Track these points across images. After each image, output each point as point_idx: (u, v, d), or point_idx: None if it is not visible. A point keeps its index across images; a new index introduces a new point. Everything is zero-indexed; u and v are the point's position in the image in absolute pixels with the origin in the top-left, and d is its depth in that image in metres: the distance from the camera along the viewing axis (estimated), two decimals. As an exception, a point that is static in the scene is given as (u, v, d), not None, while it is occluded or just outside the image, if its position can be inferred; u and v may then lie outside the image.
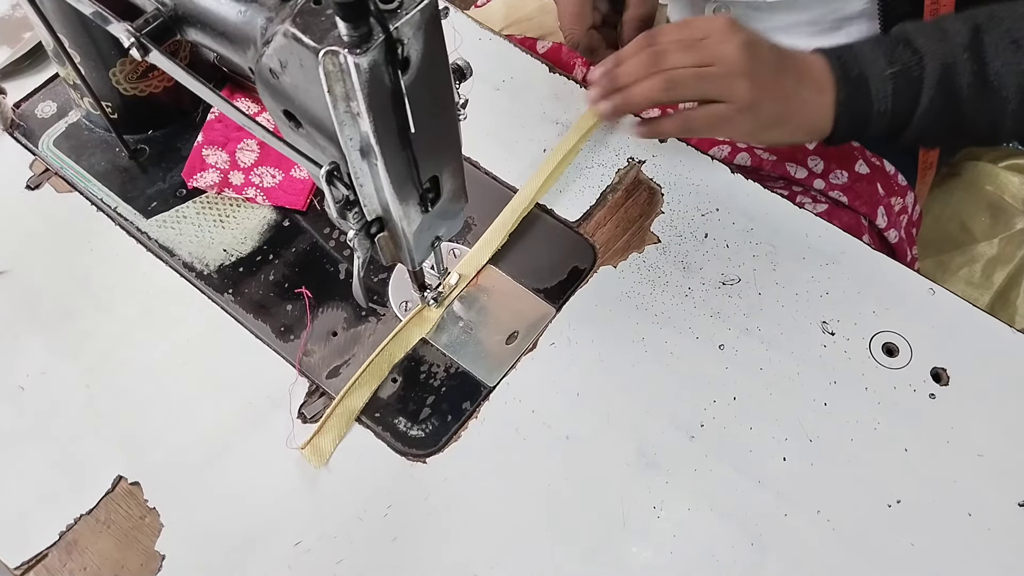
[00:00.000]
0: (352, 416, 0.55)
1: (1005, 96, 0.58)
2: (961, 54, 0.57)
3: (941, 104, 0.58)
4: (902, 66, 0.58)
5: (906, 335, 0.58)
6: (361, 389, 0.56)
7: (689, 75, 0.57)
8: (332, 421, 0.55)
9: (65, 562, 0.52)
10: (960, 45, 0.58)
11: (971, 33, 0.58)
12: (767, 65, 0.57)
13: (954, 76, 0.58)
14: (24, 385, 0.58)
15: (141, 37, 0.43)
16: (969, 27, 0.58)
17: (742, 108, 0.57)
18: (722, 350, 0.57)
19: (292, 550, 0.52)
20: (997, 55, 0.57)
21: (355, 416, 0.56)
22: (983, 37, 0.58)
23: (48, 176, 0.68)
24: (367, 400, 0.56)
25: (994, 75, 0.57)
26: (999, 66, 0.57)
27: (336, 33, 0.35)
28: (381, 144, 0.39)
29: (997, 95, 0.58)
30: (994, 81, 0.57)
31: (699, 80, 0.57)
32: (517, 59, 0.73)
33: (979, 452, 0.53)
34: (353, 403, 0.56)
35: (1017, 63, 0.57)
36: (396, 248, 0.49)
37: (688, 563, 0.50)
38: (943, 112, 0.59)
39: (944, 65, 0.58)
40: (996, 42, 0.57)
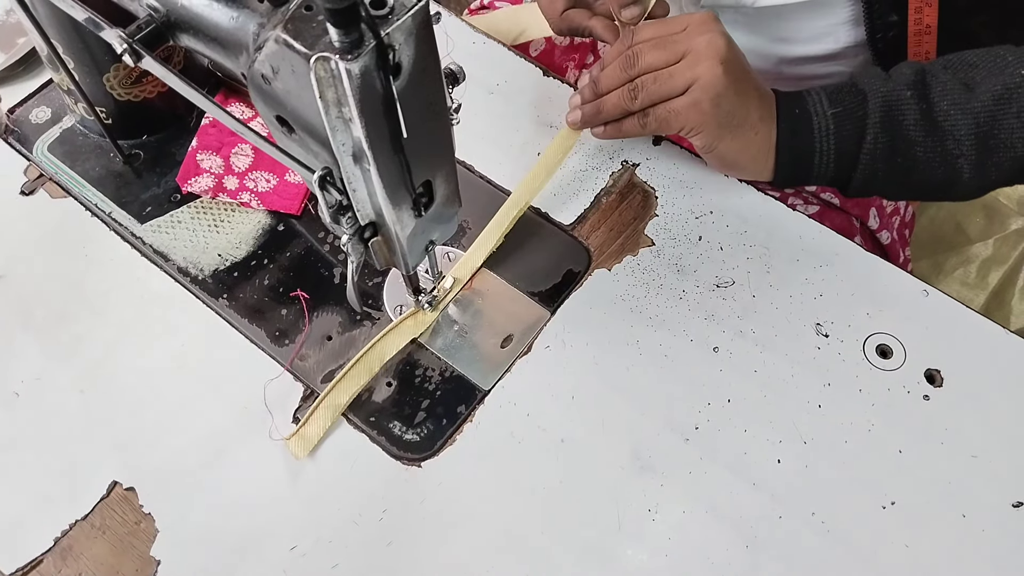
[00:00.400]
0: (338, 410, 0.55)
1: (957, 138, 0.56)
2: (904, 92, 0.56)
3: (887, 144, 0.57)
4: (843, 107, 0.58)
5: (900, 337, 0.58)
6: (349, 382, 0.56)
7: (651, 79, 0.58)
8: (318, 412, 0.55)
9: (60, 568, 0.52)
10: (904, 84, 0.57)
11: (916, 75, 0.57)
12: (736, 61, 0.58)
13: (898, 115, 0.56)
14: (19, 391, 0.58)
15: (134, 43, 0.43)
16: (915, 70, 0.58)
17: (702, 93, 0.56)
18: (716, 352, 0.58)
19: (288, 554, 0.52)
20: (944, 95, 0.56)
21: (341, 411, 0.55)
22: (928, 79, 0.57)
23: (42, 182, 0.68)
24: (354, 394, 0.56)
25: (942, 115, 0.56)
26: (947, 106, 0.56)
27: (327, 39, 0.35)
28: (373, 149, 0.39)
29: (950, 137, 0.56)
30: (943, 122, 0.56)
31: (664, 80, 0.58)
32: (510, 63, 0.73)
33: (973, 453, 0.53)
34: (339, 398, 0.56)
35: (966, 102, 0.56)
36: (390, 252, 0.49)
37: (683, 565, 0.50)
38: (891, 154, 0.57)
39: (887, 103, 0.57)
40: (944, 83, 0.56)
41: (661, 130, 0.60)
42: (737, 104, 0.57)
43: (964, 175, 0.57)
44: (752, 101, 0.58)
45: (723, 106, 0.56)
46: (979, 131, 0.55)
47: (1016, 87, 0.55)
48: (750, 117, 0.58)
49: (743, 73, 0.58)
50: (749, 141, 0.58)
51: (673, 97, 0.58)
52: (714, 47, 0.57)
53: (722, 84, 0.56)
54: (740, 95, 0.57)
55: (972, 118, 0.55)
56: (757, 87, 0.59)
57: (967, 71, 0.57)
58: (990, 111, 0.55)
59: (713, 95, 0.56)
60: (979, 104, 0.55)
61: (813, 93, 0.59)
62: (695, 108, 0.57)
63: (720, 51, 0.57)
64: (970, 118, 0.55)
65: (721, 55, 0.57)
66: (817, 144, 0.58)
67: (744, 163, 0.60)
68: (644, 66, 0.59)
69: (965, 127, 0.55)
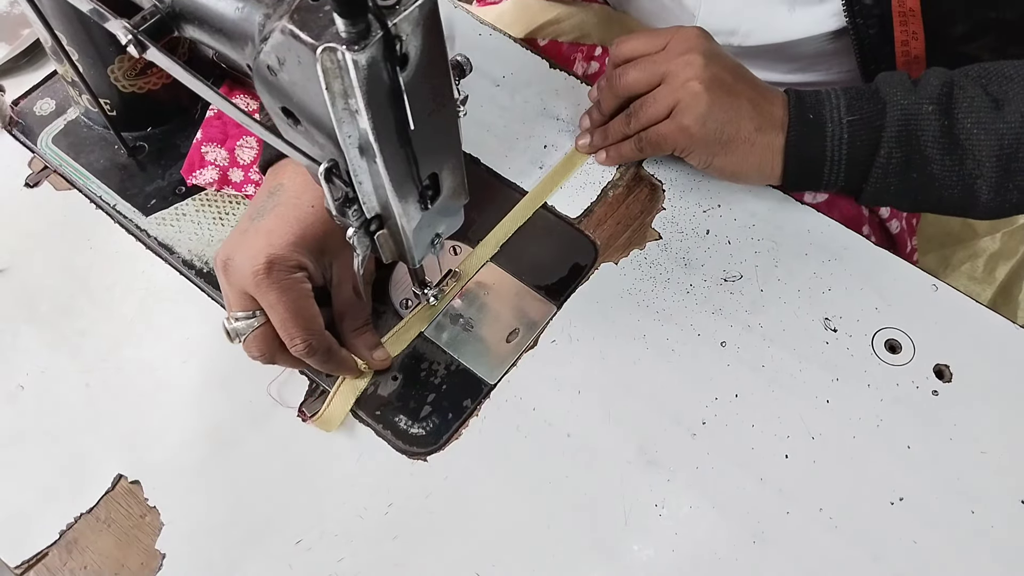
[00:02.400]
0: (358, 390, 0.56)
1: (978, 159, 0.54)
2: (926, 106, 0.54)
3: (902, 159, 0.55)
4: (862, 114, 0.56)
5: (909, 331, 0.57)
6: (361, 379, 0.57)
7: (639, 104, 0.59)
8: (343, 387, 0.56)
9: (65, 561, 0.52)
10: (927, 98, 0.55)
11: (943, 87, 0.55)
12: (718, 77, 0.57)
13: (917, 130, 0.55)
14: (24, 384, 0.58)
15: (138, 34, 0.43)
16: (943, 81, 0.55)
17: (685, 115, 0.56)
18: (724, 347, 0.57)
19: (293, 548, 0.51)
20: (970, 112, 0.54)
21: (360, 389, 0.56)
22: (956, 92, 0.55)
23: (47, 174, 0.67)
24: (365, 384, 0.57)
25: (964, 133, 0.54)
26: (971, 124, 0.54)
27: (334, 30, 0.35)
28: (380, 141, 0.39)
29: (970, 156, 0.54)
30: (965, 140, 0.54)
31: (650, 104, 0.58)
32: (517, 55, 0.73)
33: (982, 449, 0.53)
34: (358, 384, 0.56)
35: (992, 122, 0.53)
36: (396, 245, 0.48)
37: (690, 561, 0.50)
38: (905, 169, 0.56)
39: (906, 116, 0.55)
40: (971, 98, 0.54)
41: (655, 152, 0.60)
42: (725, 120, 0.57)
43: (982, 196, 0.55)
44: (743, 114, 0.57)
45: (709, 124, 0.56)
46: (1002, 153, 0.53)
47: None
48: (742, 130, 0.57)
49: (729, 87, 0.57)
50: (746, 153, 0.58)
51: (660, 120, 0.58)
52: (693, 67, 0.57)
53: (704, 104, 0.56)
54: (727, 110, 0.57)
55: (996, 139, 0.53)
56: (750, 97, 0.58)
57: (1001, 83, 0.55)
58: (1016, 132, 0.53)
59: (696, 116, 0.56)
60: (1005, 125, 0.53)
61: (832, 96, 0.58)
62: (681, 130, 0.57)
63: (698, 71, 0.56)
64: (994, 138, 0.53)
65: (700, 75, 0.56)
66: (828, 152, 0.57)
67: (746, 173, 0.60)
68: (623, 87, 0.60)
69: (988, 147, 0.54)
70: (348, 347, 0.55)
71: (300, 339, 0.50)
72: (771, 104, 0.58)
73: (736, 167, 0.59)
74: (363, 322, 0.56)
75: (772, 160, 0.58)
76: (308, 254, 0.51)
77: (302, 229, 0.51)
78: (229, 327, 0.51)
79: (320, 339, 0.52)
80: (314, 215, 0.52)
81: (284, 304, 0.50)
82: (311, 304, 0.51)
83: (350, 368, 0.55)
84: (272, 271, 0.49)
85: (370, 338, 0.56)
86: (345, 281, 0.54)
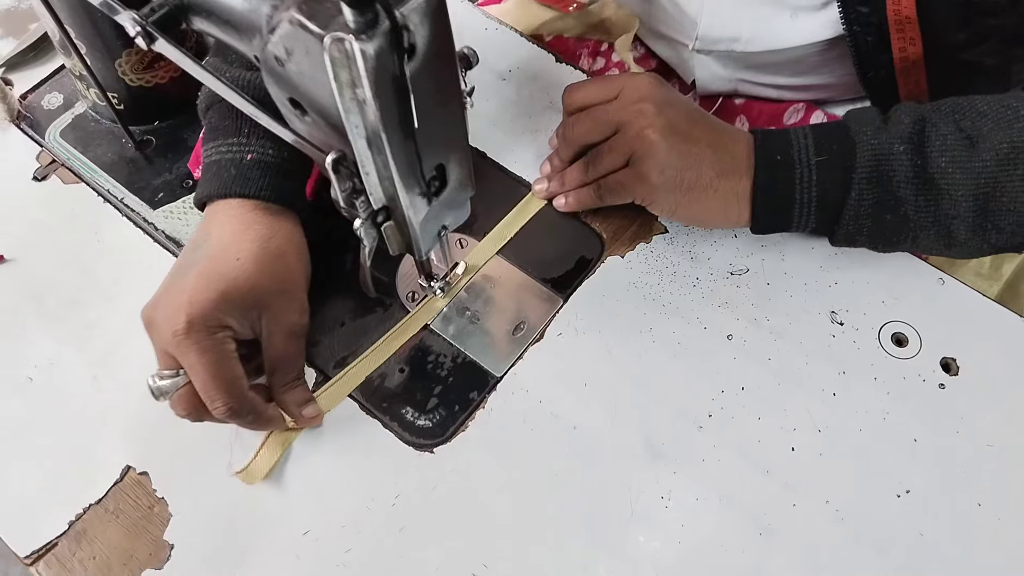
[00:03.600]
0: (288, 442, 0.55)
1: (954, 199, 0.52)
2: (897, 146, 0.53)
3: (874, 200, 0.53)
4: (831, 155, 0.54)
5: (916, 325, 0.57)
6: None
7: (595, 152, 0.58)
8: (271, 440, 0.55)
9: (75, 551, 0.52)
10: (898, 137, 0.53)
11: (915, 125, 0.53)
12: (674, 124, 0.56)
13: (889, 171, 0.53)
14: (32, 376, 0.59)
15: (147, 25, 0.43)
16: (914, 119, 0.53)
17: (642, 165, 0.55)
18: (730, 340, 0.57)
19: (301, 539, 0.52)
20: (944, 150, 0.52)
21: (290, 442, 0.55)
22: (928, 130, 0.53)
23: (55, 167, 0.68)
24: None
25: (939, 173, 0.52)
26: (945, 163, 0.52)
27: (342, 20, 0.35)
28: (387, 132, 0.39)
29: (945, 196, 0.52)
30: (939, 180, 0.52)
31: (606, 154, 0.57)
32: (523, 48, 0.73)
33: (989, 442, 0.53)
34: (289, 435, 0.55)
35: (967, 160, 0.51)
36: (402, 237, 0.48)
37: (696, 553, 0.50)
38: (878, 210, 0.54)
39: (876, 157, 0.53)
40: (944, 136, 0.52)
41: (616, 200, 0.59)
42: (683, 167, 0.55)
43: (960, 236, 0.53)
44: (703, 160, 0.55)
45: (668, 173, 0.55)
46: (979, 192, 0.51)
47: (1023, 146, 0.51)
48: (703, 177, 0.55)
49: (685, 134, 0.56)
50: (709, 200, 0.56)
51: (618, 169, 0.57)
52: (647, 116, 0.56)
53: (661, 152, 0.55)
54: (685, 157, 0.55)
55: (972, 178, 0.51)
56: (709, 142, 0.56)
57: (975, 119, 0.52)
58: (992, 172, 0.51)
59: (654, 165, 0.55)
60: (981, 164, 0.51)
61: (800, 136, 0.55)
62: (640, 180, 0.56)
63: (653, 119, 0.55)
64: (970, 177, 0.51)
65: (655, 123, 0.55)
66: (798, 195, 0.55)
67: (711, 220, 0.58)
68: (577, 137, 0.59)
69: (964, 187, 0.51)
70: (277, 402, 0.54)
71: (221, 402, 0.49)
72: (733, 147, 0.56)
73: (700, 214, 0.57)
74: (294, 376, 0.54)
75: (738, 205, 0.56)
76: (233, 311, 0.50)
77: (226, 285, 0.50)
78: (153, 386, 0.49)
79: (242, 401, 0.50)
80: (240, 269, 0.51)
81: (203, 366, 0.48)
82: (233, 365, 0.50)
83: (278, 426, 0.54)
84: (192, 332, 0.48)
85: (300, 393, 0.54)
86: (275, 334, 0.53)
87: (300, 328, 0.55)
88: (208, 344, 0.49)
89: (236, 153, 0.55)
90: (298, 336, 0.55)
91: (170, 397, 0.50)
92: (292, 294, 0.54)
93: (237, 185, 0.54)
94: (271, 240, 0.53)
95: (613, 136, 0.58)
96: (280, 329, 0.53)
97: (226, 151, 0.55)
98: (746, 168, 0.56)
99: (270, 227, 0.54)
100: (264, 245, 0.53)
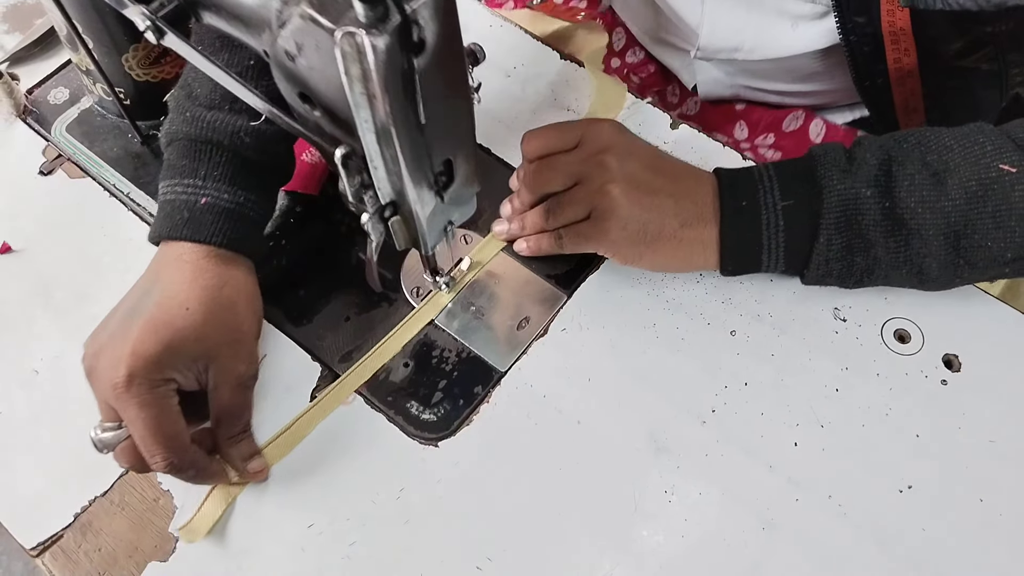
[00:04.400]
0: (233, 496, 0.53)
1: (925, 238, 0.51)
2: (863, 191, 0.52)
3: (843, 244, 0.53)
4: (797, 199, 0.53)
5: (918, 321, 0.58)
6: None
7: (555, 202, 0.57)
8: (215, 494, 0.53)
9: (80, 543, 0.53)
10: (865, 181, 0.52)
11: (881, 166, 0.52)
12: (635, 176, 0.55)
13: (857, 215, 0.52)
14: (38, 369, 0.59)
15: (157, 20, 0.43)
16: (880, 160, 0.53)
17: (604, 219, 0.54)
18: (733, 336, 0.57)
19: (305, 532, 0.52)
20: (912, 191, 0.51)
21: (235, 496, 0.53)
22: (895, 170, 0.52)
23: (61, 162, 0.68)
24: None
25: (909, 213, 0.51)
26: (914, 203, 0.51)
27: (352, 14, 0.35)
28: (396, 126, 0.39)
29: (916, 236, 0.52)
30: (910, 220, 0.51)
31: (567, 205, 0.56)
32: (528, 46, 0.73)
33: (991, 438, 0.53)
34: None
35: (936, 200, 0.51)
36: (409, 232, 0.49)
37: (699, 547, 0.50)
38: (847, 253, 0.53)
39: (844, 202, 0.52)
40: (911, 176, 0.51)
41: (576, 250, 0.58)
42: (647, 220, 0.54)
43: (932, 273, 0.53)
44: (666, 211, 0.54)
45: (631, 227, 0.54)
46: (950, 231, 0.51)
47: (992, 182, 0.50)
48: (667, 228, 0.54)
49: (647, 186, 0.55)
50: (674, 249, 0.55)
51: (579, 220, 0.56)
52: (608, 171, 0.54)
53: (623, 208, 0.54)
54: (648, 210, 0.54)
55: (943, 217, 0.51)
56: (671, 192, 0.55)
57: (941, 153, 0.52)
58: (962, 211, 0.51)
59: (616, 220, 0.54)
60: (950, 203, 0.51)
61: (765, 178, 0.54)
62: (603, 234, 0.55)
63: (614, 173, 0.54)
64: (940, 217, 0.51)
65: (615, 178, 0.54)
66: (765, 241, 0.54)
67: (676, 267, 0.58)
68: (538, 187, 0.58)
69: (935, 227, 0.51)
70: (222, 455, 0.53)
71: (160, 457, 0.48)
72: (696, 192, 0.55)
73: (665, 264, 0.57)
74: (240, 429, 0.53)
75: (704, 253, 0.56)
76: (177, 362, 0.49)
77: (171, 336, 0.49)
78: (95, 438, 0.49)
79: (182, 456, 0.49)
80: (187, 318, 0.50)
81: (143, 421, 0.47)
82: (175, 420, 0.49)
83: (222, 480, 0.53)
84: (132, 385, 0.47)
85: (246, 447, 0.53)
86: (222, 385, 0.52)
87: (248, 379, 0.54)
88: (149, 398, 0.48)
89: (191, 195, 0.54)
90: (246, 387, 0.54)
91: (113, 450, 0.49)
92: (241, 344, 0.53)
93: (188, 229, 0.53)
94: (222, 290, 0.52)
95: (574, 187, 0.56)
96: (227, 380, 0.52)
97: (181, 191, 0.54)
98: (712, 215, 0.55)
99: (220, 276, 0.53)
100: (214, 295, 0.52)
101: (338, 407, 0.56)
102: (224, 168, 0.54)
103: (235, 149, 0.55)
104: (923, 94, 0.66)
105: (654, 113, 0.69)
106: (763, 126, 0.78)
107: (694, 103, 0.83)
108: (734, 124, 0.80)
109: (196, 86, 0.56)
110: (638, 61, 0.86)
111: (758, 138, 0.78)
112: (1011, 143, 0.52)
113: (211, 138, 0.54)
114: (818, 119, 0.75)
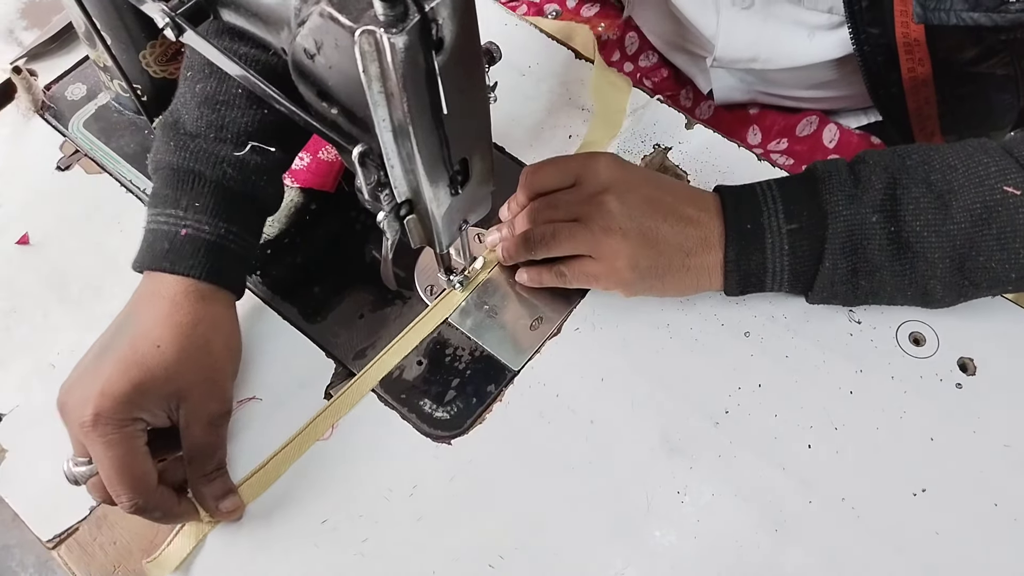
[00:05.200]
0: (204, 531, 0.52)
1: (931, 261, 0.51)
2: (869, 216, 0.52)
3: (848, 268, 0.53)
4: (801, 223, 0.53)
5: (933, 325, 0.57)
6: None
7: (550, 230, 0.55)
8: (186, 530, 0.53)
9: (95, 536, 0.53)
10: (871, 207, 0.52)
11: (886, 191, 0.52)
12: (635, 217, 0.54)
13: (862, 240, 0.52)
14: (55, 362, 0.59)
15: (176, 17, 0.43)
16: (885, 183, 0.52)
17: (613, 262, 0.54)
18: (747, 337, 0.57)
19: (319, 527, 0.52)
20: (918, 215, 0.51)
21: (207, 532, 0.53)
22: (899, 194, 0.52)
23: (78, 157, 0.68)
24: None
25: (915, 236, 0.51)
26: (920, 227, 0.51)
27: (372, 13, 0.35)
28: (414, 124, 0.39)
29: (921, 259, 0.51)
30: (915, 243, 0.51)
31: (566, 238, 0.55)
32: (543, 45, 0.73)
33: (1006, 442, 0.53)
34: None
35: (941, 223, 0.51)
36: (424, 230, 0.49)
37: (711, 548, 0.50)
38: (853, 277, 0.53)
39: (849, 228, 0.52)
40: (916, 199, 0.51)
41: (582, 286, 0.57)
42: (655, 255, 0.54)
43: (937, 294, 0.53)
44: (672, 244, 0.54)
45: (641, 265, 0.54)
46: (955, 253, 0.51)
47: (996, 205, 0.50)
48: (674, 261, 0.54)
49: (650, 223, 0.54)
50: (681, 278, 0.55)
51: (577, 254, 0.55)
52: (608, 214, 0.54)
53: (627, 251, 0.53)
54: (654, 247, 0.54)
55: (948, 240, 0.51)
56: (676, 221, 0.54)
57: (945, 173, 0.52)
58: (967, 234, 0.51)
59: (625, 264, 0.54)
60: (955, 227, 0.51)
61: (769, 200, 0.54)
62: (614, 275, 0.55)
63: (615, 217, 0.53)
64: (946, 240, 0.51)
65: (616, 221, 0.53)
66: (770, 264, 0.54)
67: (685, 292, 0.57)
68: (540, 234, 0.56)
69: (940, 250, 0.51)
70: (194, 493, 0.52)
71: (126, 498, 0.47)
72: (699, 218, 0.54)
73: (674, 291, 0.57)
74: (213, 467, 0.52)
75: (710, 276, 0.55)
76: (147, 402, 0.49)
77: (141, 375, 0.48)
78: (67, 471, 0.49)
79: (148, 498, 0.48)
80: (158, 357, 0.49)
81: (109, 460, 0.47)
82: (141, 460, 0.48)
83: (191, 519, 0.52)
84: (98, 424, 0.47)
85: (219, 486, 0.52)
86: (193, 424, 0.51)
87: (221, 418, 0.53)
88: (115, 438, 0.47)
89: (172, 226, 0.53)
90: (218, 426, 0.53)
91: (86, 483, 0.50)
92: (214, 383, 0.53)
93: (167, 260, 0.52)
94: (196, 327, 0.51)
95: (573, 222, 0.55)
96: (199, 419, 0.51)
97: (163, 221, 0.53)
98: (717, 239, 0.54)
99: (196, 313, 0.52)
100: (188, 332, 0.51)
101: (314, 444, 0.55)
102: (206, 199, 0.53)
103: (218, 180, 0.54)
104: (937, 100, 0.66)
105: (669, 113, 0.69)
106: (776, 131, 0.78)
107: (707, 107, 0.83)
108: (747, 128, 0.80)
109: (183, 111, 0.55)
110: (651, 65, 0.86)
111: (771, 143, 0.78)
112: (1015, 163, 0.51)
113: (193, 168, 0.53)
114: (832, 124, 0.75)
